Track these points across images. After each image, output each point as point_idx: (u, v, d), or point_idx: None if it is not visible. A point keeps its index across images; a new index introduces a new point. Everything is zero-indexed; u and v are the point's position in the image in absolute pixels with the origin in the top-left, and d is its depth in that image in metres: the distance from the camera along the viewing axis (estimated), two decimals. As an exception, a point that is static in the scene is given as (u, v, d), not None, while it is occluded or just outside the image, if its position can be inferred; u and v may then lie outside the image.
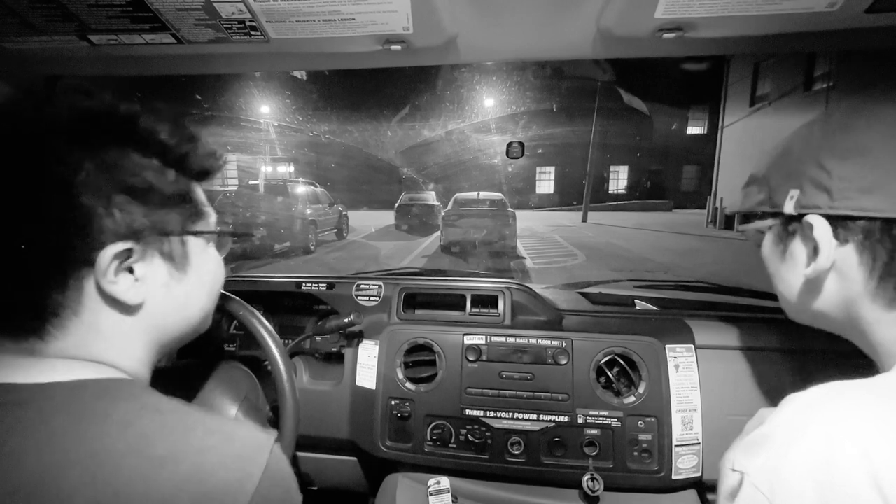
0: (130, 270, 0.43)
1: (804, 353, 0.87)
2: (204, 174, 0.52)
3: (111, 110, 0.44)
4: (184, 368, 0.75)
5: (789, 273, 0.52)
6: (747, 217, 0.58)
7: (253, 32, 0.66)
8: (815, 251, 0.47)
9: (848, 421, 0.37)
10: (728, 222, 12.52)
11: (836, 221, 0.45)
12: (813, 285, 0.50)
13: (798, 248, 0.50)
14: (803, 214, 0.47)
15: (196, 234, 0.50)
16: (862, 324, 0.47)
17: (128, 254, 0.42)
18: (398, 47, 0.69)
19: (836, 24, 0.60)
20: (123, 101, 0.45)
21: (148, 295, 0.45)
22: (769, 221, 0.54)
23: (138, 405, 0.39)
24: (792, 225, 0.50)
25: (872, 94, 0.48)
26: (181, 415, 0.40)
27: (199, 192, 0.51)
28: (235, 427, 0.41)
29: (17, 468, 0.33)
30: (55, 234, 0.39)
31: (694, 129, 22.12)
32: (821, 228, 0.46)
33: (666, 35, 0.63)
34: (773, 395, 0.85)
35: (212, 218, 0.53)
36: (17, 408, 0.36)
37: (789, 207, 0.49)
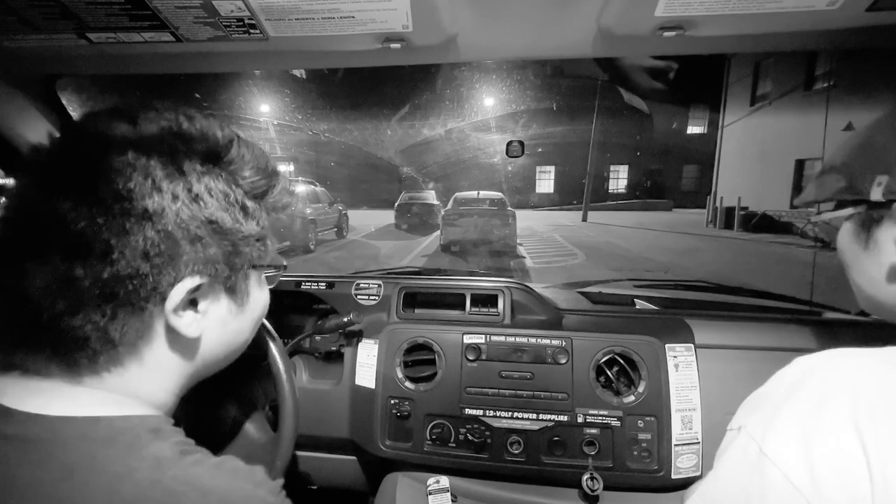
0: (194, 303, 0.42)
1: (803, 352, 0.86)
2: (276, 210, 0.51)
3: (207, 136, 0.42)
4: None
5: (871, 262, 0.51)
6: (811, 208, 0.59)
7: (252, 30, 0.65)
8: None
9: (844, 379, 0.39)
10: (728, 222, 12.52)
11: None
12: None
13: (884, 235, 0.49)
14: (892, 200, 0.46)
15: (259, 268, 0.49)
16: None
17: (198, 288, 0.41)
18: (397, 46, 0.69)
19: (837, 23, 0.60)
20: (219, 126, 0.44)
21: (206, 329, 0.44)
22: (849, 210, 0.52)
23: (137, 458, 0.37)
24: (878, 212, 0.49)
25: None
26: (178, 471, 0.37)
27: (268, 228, 0.50)
28: (233, 486, 0.38)
29: None
30: (143, 262, 0.37)
31: (694, 129, 22.11)
32: None
33: (666, 33, 0.63)
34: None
35: (271, 249, 0.50)
36: (16, 444, 0.35)
37: (877, 194, 0.47)
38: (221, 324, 0.46)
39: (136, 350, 0.40)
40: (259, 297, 0.51)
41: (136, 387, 0.41)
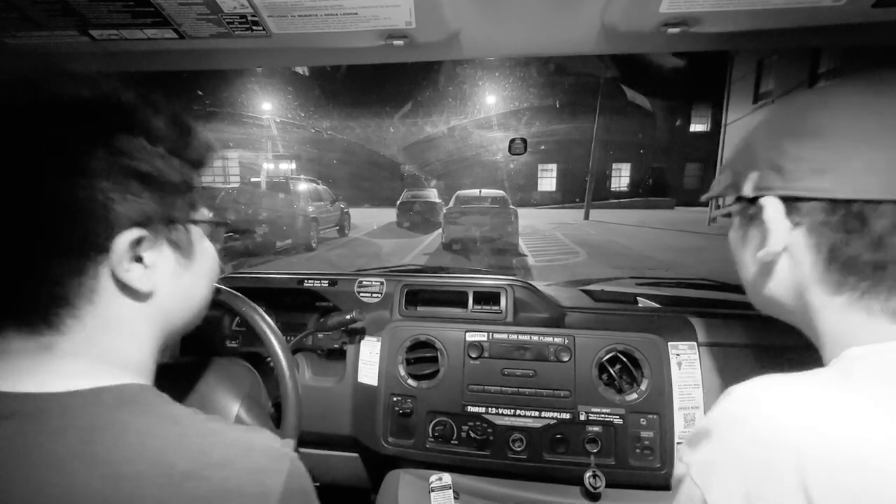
0: (140, 259, 0.43)
1: (807, 349, 0.86)
2: (200, 163, 0.52)
3: (114, 97, 0.43)
4: (186, 365, 0.75)
5: (748, 258, 0.51)
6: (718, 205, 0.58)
7: (255, 27, 0.65)
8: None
9: (789, 431, 0.35)
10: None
11: (790, 203, 0.44)
12: (766, 269, 0.49)
13: (755, 231, 0.49)
14: (759, 197, 0.47)
15: (197, 222, 0.50)
16: (810, 311, 0.46)
17: (140, 241, 0.42)
18: (400, 42, 0.68)
19: (843, 19, 0.60)
20: (123, 90, 0.45)
21: (158, 283, 0.45)
22: (734, 207, 0.53)
23: (155, 416, 0.39)
24: (752, 209, 0.48)
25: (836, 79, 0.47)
26: (199, 426, 0.40)
27: (198, 181, 0.51)
28: (253, 437, 0.41)
29: (25, 493, 0.32)
30: (75, 219, 0.39)
31: (697, 127, 22.01)
32: (771, 209, 0.45)
33: (671, 30, 0.63)
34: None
35: (204, 208, 0.53)
36: (26, 421, 0.35)
37: (748, 190, 0.48)
38: (173, 276, 0.47)
39: (93, 305, 0.41)
40: (203, 252, 0.52)
41: (113, 348, 0.43)
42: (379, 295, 1.06)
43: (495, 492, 0.89)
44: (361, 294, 1.06)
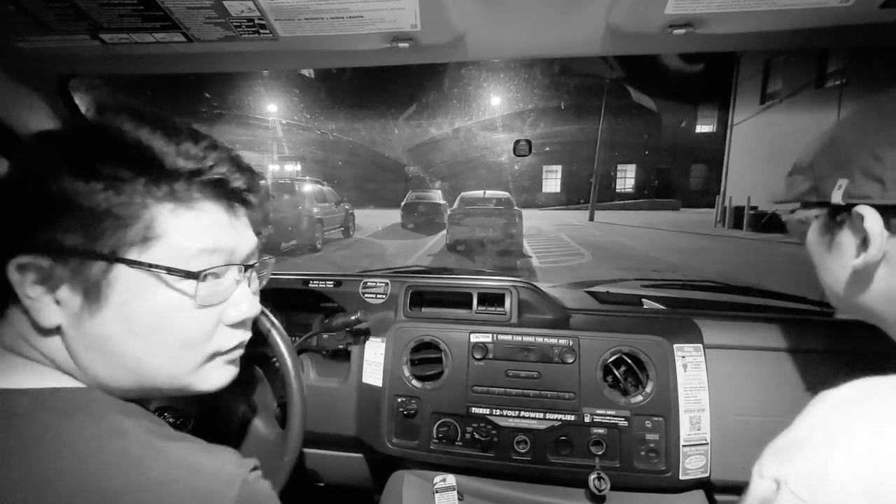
0: (53, 289, 0.39)
1: (814, 353, 0.86)
2: (178, 196, 0.41)
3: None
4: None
5: (836, 264, 0.51)
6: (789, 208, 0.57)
7: (262, 30, 0.66)
8: (864, 242, 0.46)
9: (892, 421, 0.35)
10: (737, 222, 12.39)
11: (888, 212, 0.44)
12: (861, 277, 0.48)
13: (846, 238, 0.48)
14: (852, 205, 0.46)
15: (136, 265, 0.40)
16: None
17: (39, 269, 0.38)
18: (406, 45, 0.69)
19: (851, 20, 0.59)
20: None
21: (64, 322, 0.40)
22: (815, 211, 0.52)
23: (101, 428, 0.36)
24: (840, 215, 0.48)
25: None
26: (145, 442, 0.37)
27: (158, 210, 0.41)
28: (203, 457, 0.37)
29: None
30: None
31: (703, 127, 21.89)
32: (871, 219, 0.44)
33: (676, 31, 0.63)
34: (783, 396, 0.84)
35: (182, 249, 0.42)
36: None
37: (837, 197, 0.47)
38: (76, 320, 0.40)
39: (13, 318, 0.40)
40: (143, 302, 0.41)
41: (54, 358, 0.41)
42: (384, 296, 1.06)
43: (499, 493, 0.89)
44: (366, 295, 1.07)
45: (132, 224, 0.39)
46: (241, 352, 0.51)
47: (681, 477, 0.82)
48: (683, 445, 0.83)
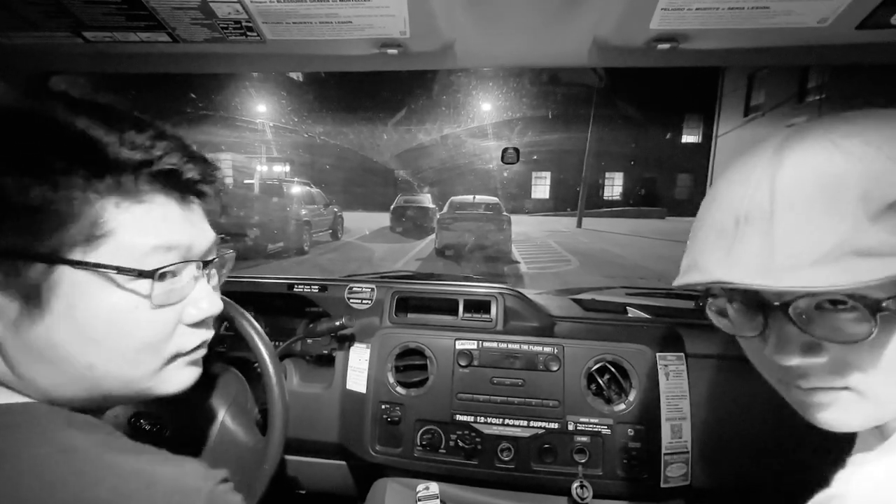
0: None
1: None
2: (124, 189, 0.38)
3: None
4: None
5: None
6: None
7: (249, 33, 0.65)
8: None
9: None
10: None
11: None
12: None
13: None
14: None
15: (81, 265, 0.36)
16: None
17: None
18: (394, 51, 0.69)
19: (828, 40, 0.61)
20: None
21: (0, 332, 0.37)
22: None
23: (47, 444, 0.34)
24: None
25: None
26: (94, 456, 0.34)
27: (103, 206, 0.37)
28: (161, 470, 0.35)
29: None
30: None
31: (688, 138, 22.33)
32: None
33: (661, 46, 0.64)
34: (762, 405, 0.85)
35: (133, 247, 0.39)
36: None
37: None
38: (13, 330, 0.36)
39: None
40: (90, 304, 0.37)
41: (1, 372, 0.38)
42: (369, 301, 1.05)
43: (483, 501, 0.89)
44: (352, 300, 1.06)
45: (74, 221, 0.36)
46: (203, 351, 0.49)
47: (662, 485, 0.83)
48: (665, 453, 0.84)
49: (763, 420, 0.85)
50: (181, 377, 0.46)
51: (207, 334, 0.49)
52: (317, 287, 1.07)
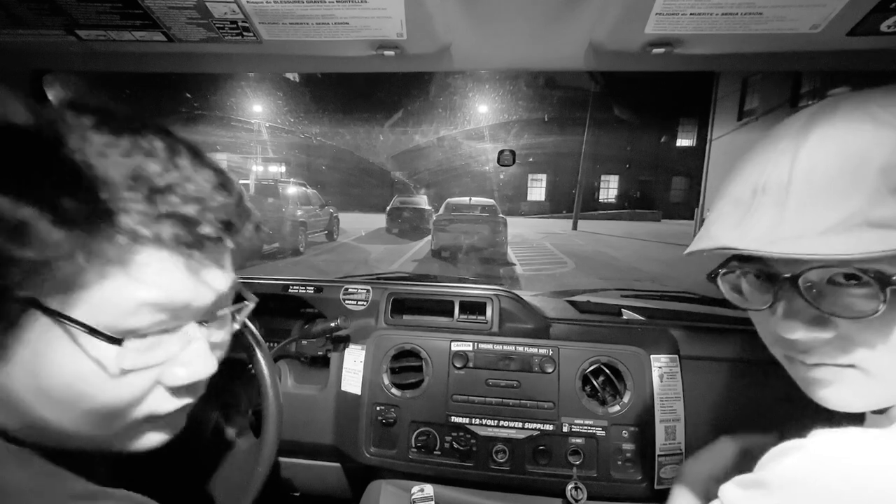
0: None
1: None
2: (131, 223, 0.33)
3: None
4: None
5: None
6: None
7: (245, 33, 0.65)
8: None
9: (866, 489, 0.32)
10: (715, 234, 12.68)
11: None
12: None
13: None
14: None
15: (44, 310, 0.32)
16: None
17: None
18: (391, 53, 0.69)
19: (820, 46, 0.62)
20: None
21: None
22: None
23: None
24: None
25: None
26: (26, 497, 0.31)
27: (87, 258, 0.32)
28: None
29: None
30: None
31: (683, 142, 22.50)
32: None
33: (655, 50, 0.64)
34: (755, 406, 0.86)
35: (117, 304, 0.34)
36: None
37: None
38: None
39: None
40: (53, 356, 0.33)
41: None
42: (365, 303, 1.05)
43: (477, 503, 0.89)
44: (347, 301, 1.06)
45: (54, 270, 0.31)
46: (183, 416, 0.43)
47: (656, 486, 0.84)
48: (659, 455, 0.84)
49: (757, 421, 0.85)
50: (152, 438, 0.41)
51: (191, 400, 0.42)
52: (312, 288, 1.07)
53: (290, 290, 1.07)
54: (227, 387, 0.89)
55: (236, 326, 0.48)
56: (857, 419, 0.43)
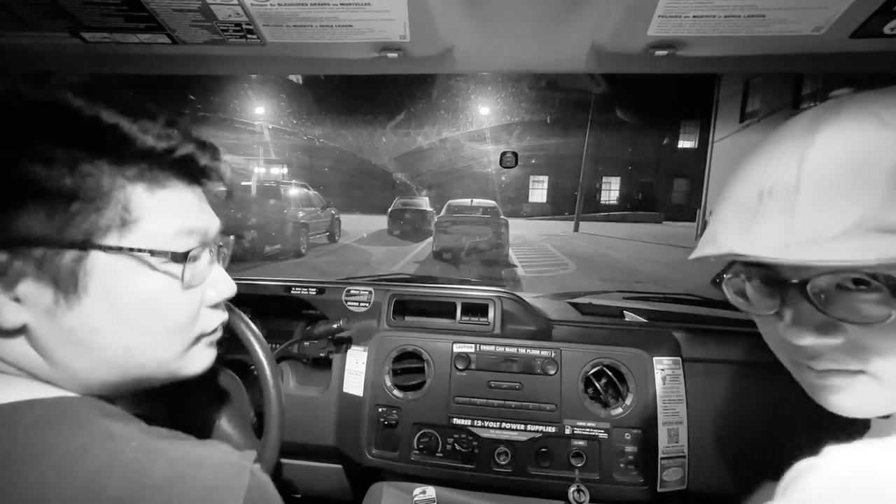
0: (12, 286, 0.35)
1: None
2: (154, 166, 0.40)
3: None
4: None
5: None
6: None
7: (249, 35, 0.66)
8: None
9: None
10: (717, 236, 12.65)
11: None
12: None
13: None
14: None
15: (108, 249, 0.37)
16: None
17: None
18: (394, 55, 0.69)
19: (822, 48, 0.62)
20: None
21: (32, 320, 0.37)
22: None
23: (85, 433, 0.34)
24: None
25: None
26: (139, 443, 0.34)
27: (132, 191, 0.39)
28: (204, 451, 0.36)
29: None
30: None
31: (685, 144, 22.46)
32: None
33: (658, 52, 0.64)
34: (759, 409, 0.86)
35: (160, 231, 0.40)
36: None
37: None
38: (48, 316, 0.36)
39: None
40: (123, 288, 0.38)
41: (24, 365, 0.38)
42: (367, 304, 1.05)
43: (479, 506, 0.89)
44: (349, 303, 1.06)
45: (106, 207, 0.37)
46: (220, 334, 0.51)
47: (659, 489, 0.83)
48: (661, 458, 0.84)
49: (760, 424, 0.85)
50: (204, 357, 0.48)
51: (224, 316, 0.51)
52: (314, 289, 1.07)
53: (292, 292, 1.07)
54: (229, 389, 0.89)
55: (226, 262, 0.55)
56: (861, 423, 0.43)
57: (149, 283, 0.40)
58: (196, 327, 0.46)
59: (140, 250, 0.39)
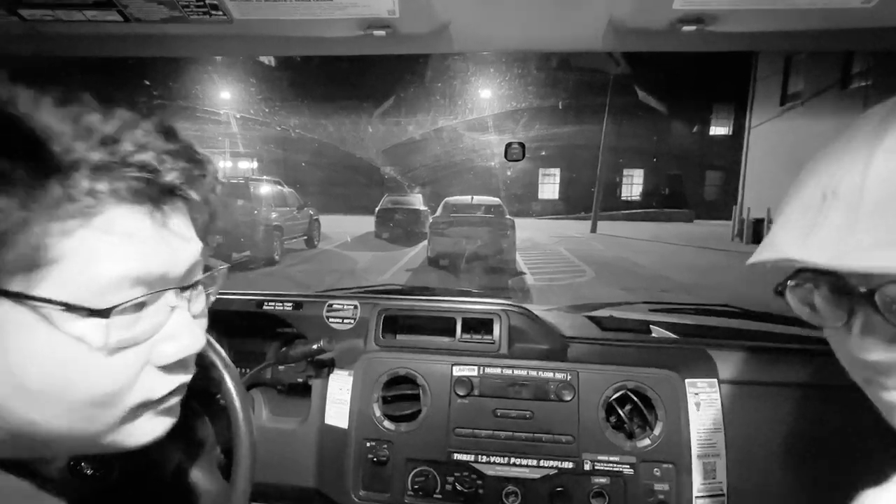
0: None
1: (844, 389, 0.88)
2: (85, 184, 0.34)
3: None
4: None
5: None
6: None
7: (213, 11, 0.66)
8: None
9: None
10: (756, 236, 12.73)
11: None
12: None
13: None
14: None
15: (5, 295, 0.33)
16: None
17: None
18: (382, 33, 0.70)
19: (873, 22, 0.63)
20: None
21: None
22: None
23: None
24: None
25: None
26: None
27: (48, 225, 0.33)
28: None
29: None
30: None
31: (718, 130, 22.64)
32: None
33: (685, 28, 0.65)
34: (809, 439, 0.86)
35: (89, 279, 0.35)
36: None
37: None
38: None
39: None
40: (22, 345, 0.34)
41: None
42: (352, 321, 1.05)
43: (485, 556, 0.88)
44: (331, 319, 1.06)
45: (10, 245, 0.32)
46: (179, 397, 0.45)
47: (694, 534, 0.83)
48: (697, 497, 0.84)
49: (810, 457, 0.85)
50: (149, 429, 0.43)
51: (185, 377, 0.45)
52: (290, 304, 1.07)
53: (264, 307, 1.07)
54: (191, 421, 0.89)
55: (212, 299, 0.49)
56: None
57: (56, 345, 0.35)
58: (133, 397, 0.39)
59: (48, 301, 0.33)
